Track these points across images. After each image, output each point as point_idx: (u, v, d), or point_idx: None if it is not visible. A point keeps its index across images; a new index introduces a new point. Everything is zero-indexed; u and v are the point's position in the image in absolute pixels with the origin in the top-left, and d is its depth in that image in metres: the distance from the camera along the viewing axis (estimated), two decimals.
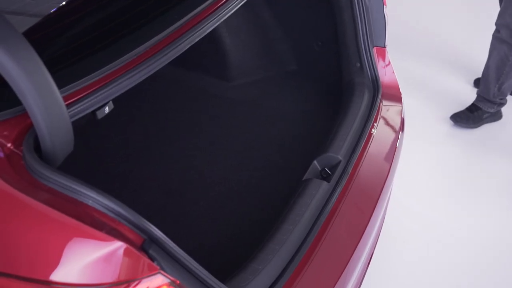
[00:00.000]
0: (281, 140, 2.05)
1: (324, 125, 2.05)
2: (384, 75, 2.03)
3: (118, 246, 0.93)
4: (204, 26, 1.39)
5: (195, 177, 1.90)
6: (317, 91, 2.27)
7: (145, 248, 1.00)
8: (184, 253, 1.06)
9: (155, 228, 1.02)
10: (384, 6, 2.00)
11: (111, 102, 1.21)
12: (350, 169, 1.63)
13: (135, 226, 1.00)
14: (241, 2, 1.50)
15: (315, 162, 1.67)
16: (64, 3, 1.28)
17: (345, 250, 1.48)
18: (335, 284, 1.40)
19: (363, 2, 1.93)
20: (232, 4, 1.47)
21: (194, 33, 1.36)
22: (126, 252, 0.94)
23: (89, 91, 1.13)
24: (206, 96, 2.30)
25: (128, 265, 0.94)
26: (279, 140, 2.05)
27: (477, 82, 3.40)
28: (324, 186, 1.56)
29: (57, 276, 0.92)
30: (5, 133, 1.04)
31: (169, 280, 0.98)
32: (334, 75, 2.17)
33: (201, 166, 1.94)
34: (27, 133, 1.04)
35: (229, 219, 1.75)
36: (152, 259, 0.99)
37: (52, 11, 1.23)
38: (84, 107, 1.11)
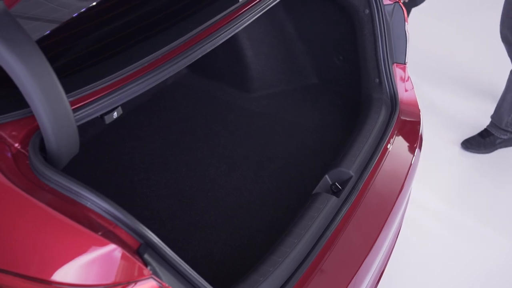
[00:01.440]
0: (296, 153, 2.05)
1: (340, 139, 2.04)
2: (404, 92, 2.00)
3: (111, 248, 0.95)
4: (216, 37, 1.41)
5: (209, 186, 1.91)
6: (336, 105, 2.27)
7: (141, 252, 1.01)
8: (179, 259, 1.07)
9: (151, 233, 1.03)
10: (406, 23, 1.98)
11: (120, 108, 1.24)
12: (360, 185, 1.61)
13: (132, 230, 1.02)
14: (251, 16, 1.51)
15: (326, 176, 1.66)
16: (82, 10, 1.32)
17: (350, 267, 1.46)
18: None
19: (384, 18, 1.92)
20: (245, 18, 1.49)
21: (206, 44, 1.38)
22: (119, 255, 0.95)
23: (97, 96, 1.16)
24: (226, 107, 2.32)
25: (121, 268, 0.95)
26: (294, 153, 2.05)
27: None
28: (333, 201, 1.55)
29: (51, 274, 0.94)
30: (14, 133, 1.08)
31: (160, 286, 0.98)
32: (354, 90, 2.16)
33: (215, 175, 1.96)
34: (34, 134, 1.07)
35: (239, 229, 1.75)
36: (146, 263, 1.00)
37: (70, 17, 1.27)
38: (91, 111, 1.14)
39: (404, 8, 1.98)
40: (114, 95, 1.18)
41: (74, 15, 1.30)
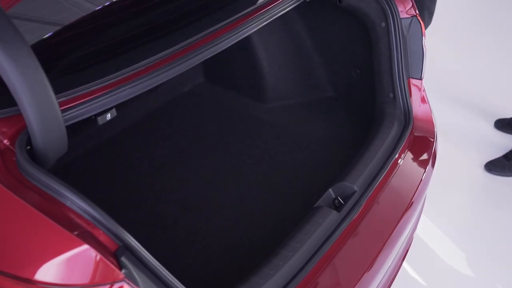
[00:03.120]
0: (305, 165, 2.01)
1: (350, 153, 1.99)
2: (418, 108, 1.95)
3: (85, 249, 0.94)
4: (216, 45, 1.40)
5: (213, 194, 1.90)
6: (350, 119, 2.22)
7: (118, 254, 1.00)
8: (159, 264, 1.05)
9: (130, 236, 1.02)
10: (423, 38, 1.93)
11: (114, 110, 1.24)
12: (363, 201, 1.57)
13: (110, 232, 1.01)
14: (248, 28, 1.50)
15: (330, 190, 1.62)
16: (88, 13, 1.34)
17: (345, 285, 1.41)
18: None
19: (400, 32, 1.88)
20: (243, 29, 1.47)
21: (204, 51, 1.37)
22: (92, 256, 0.94)
23: (89, 97, 1.16)
24: (238, 116, 2.31)
25: (94, 269, 0.94)
26: (302, 165, 2.01)
27: (498, 124, 3.21)
28: (333, 215, 1.50)
29: (26, 271, 0.94)
30: (4, 129, 1.09)
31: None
32: (369, 104, 2.11)
33: (220, 184, 1.94)
34: (22, 132, 1.08)
35: (239, 239, 1.73)
36: (122, 266, 0.98)
37: (73, 19, 1.29)
38: (82, 112, 1.14)
39: (422, 22, 1.93)
40: (107, 97, 1.18)
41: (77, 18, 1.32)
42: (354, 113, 2.24)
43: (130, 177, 1.99)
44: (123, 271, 0.97)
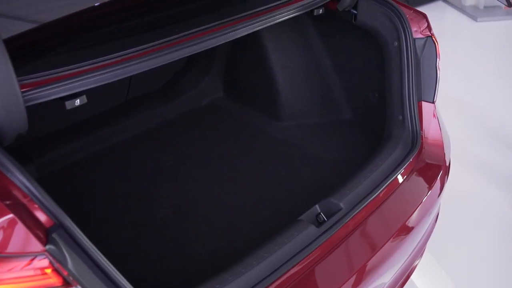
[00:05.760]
0: (307, 185, 1.95)
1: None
2: (428, 132, 1.84)
3: (9, 218, 0.94)
4: (197, 44, 1.40)
5: (209, 204, 1.89)
6: (367, 144, 2.14)
7: (50, 231, 1.00)
8: (94, 247, 1.04)
9: (65, 215, 1.03)
10: (438, 60, 1.85)
11: (84, 97, 1.27)
12: (347, 220, 1.49)
13: (46, 208, 1.02)
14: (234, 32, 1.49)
15: (316, 205, 1.56)
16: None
17: None
18: None
19: (412, 52, 1.81)
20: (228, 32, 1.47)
21: (184, 47, 1.37)
22: (16, 227, 0.95)
23: (54, 80, 1.19)
24: (251, 132, 2.29)
25: (14, 240, 0.94)
26: (304, 185, 1.95)
27: None
28: (310, 230, 1.44)
29: None
30: None
31: (54, 265, 0.96)
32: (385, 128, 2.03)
33: (218, 194, 1.93)
34: None
35: (222, 249, 1.69)
36: (50, 242, 0.98)
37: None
38: (47, 93, 1.17)
39: (437, 43, 1.85)
40: (74, 81, 1.20)
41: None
42: (371, 138, 2.16)
43: (131, 178, 2.02)
44: (47, 246, 0.97)
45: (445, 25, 5.19)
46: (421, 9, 5.16)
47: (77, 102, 1.26)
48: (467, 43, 4.85)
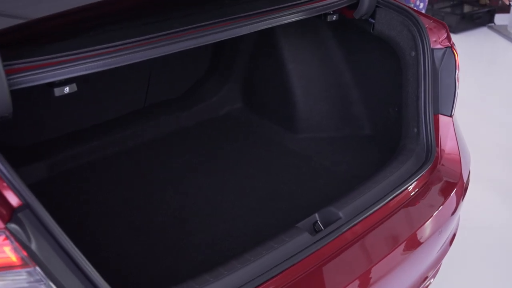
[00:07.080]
0: (314, 198, 1.87)
1: None
2: (445, 146, 1.74)
3: None
4: (192, 39, 1.38)
5: (208, 211, 1.85)
6: (380, 158, 2.04)
7: (17, 210, 0.99)
8: (61, 231, 1.02)
9: (34, 197, 1.01)
10: (457, 71, 1.75)
11: (74, 85, 1.26)
12: (344, 229, 1.41)
13: (15, 188, 1.01)
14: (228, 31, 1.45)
15: (315, 214, 1.49)
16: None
17: None
18: None
19: (430, 62, 1.72)
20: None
21: (179, 41, 1.35)
22: None
23: (40, 66, 1.19)
24: (265, 143, 2.24)
25: None
26: (311, 198, 1.88)
27: None
28: (303, 237, 1.37)
29: None
30: None
31: (12, 243, 0.94)
32: None
33: (219, 203, 1.88)
34: None
35: (217, 257, 1.63)
36: (14, 221, 0.97)
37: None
38: (34, 78, 1.17)
39: (457, 54, 1.76)
40: (62, 67, 1.20)
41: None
42: (388, 154, 2.06)
43: (137, 182, 2.01)
44: (8, 224, 0.95)
45: (489, 53, 5.02)
46: (466, 35, 5.07)
47: (66, 89, 1.25)
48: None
